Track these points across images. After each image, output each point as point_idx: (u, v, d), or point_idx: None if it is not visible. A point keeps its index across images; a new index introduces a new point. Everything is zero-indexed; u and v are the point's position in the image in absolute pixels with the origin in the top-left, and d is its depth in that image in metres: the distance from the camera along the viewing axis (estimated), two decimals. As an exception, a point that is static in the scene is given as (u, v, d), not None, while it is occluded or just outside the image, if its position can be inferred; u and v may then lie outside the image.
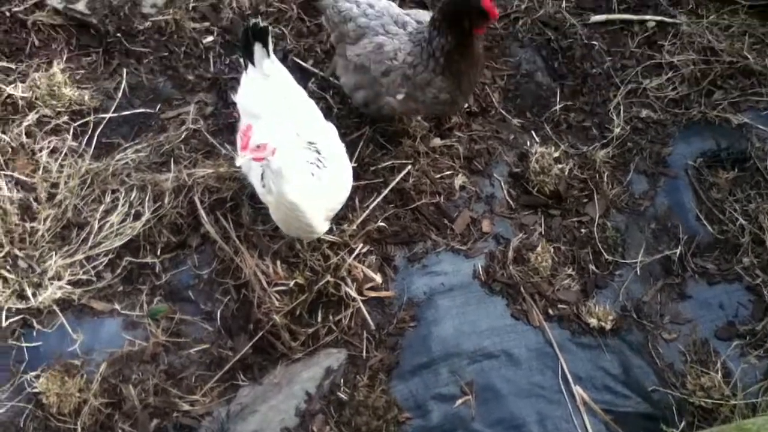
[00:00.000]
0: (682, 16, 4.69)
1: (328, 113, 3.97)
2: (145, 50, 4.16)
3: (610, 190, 3.93)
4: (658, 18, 4.68)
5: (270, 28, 3.18)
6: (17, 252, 3.37)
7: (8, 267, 3.33)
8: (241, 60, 3.31)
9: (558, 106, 4.25)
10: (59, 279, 3.34)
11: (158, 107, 3.99)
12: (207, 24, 4.30)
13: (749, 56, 4.45)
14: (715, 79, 4.39)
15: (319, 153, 2.96)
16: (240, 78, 3.36)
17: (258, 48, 3.16)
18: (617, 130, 4.15)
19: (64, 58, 4.08)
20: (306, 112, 3.27)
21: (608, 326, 3.47)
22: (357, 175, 3.70)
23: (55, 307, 3.29)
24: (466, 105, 3.98)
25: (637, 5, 4.76)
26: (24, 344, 3.25)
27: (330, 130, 3.30)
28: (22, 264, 3.35)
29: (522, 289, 3.51)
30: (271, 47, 3.19)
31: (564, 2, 4.71)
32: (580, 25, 4.58)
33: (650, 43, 4.60)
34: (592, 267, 3.68)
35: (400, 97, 3.52)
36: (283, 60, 4.18)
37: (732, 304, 3.67)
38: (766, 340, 3.53)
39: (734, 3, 4.80)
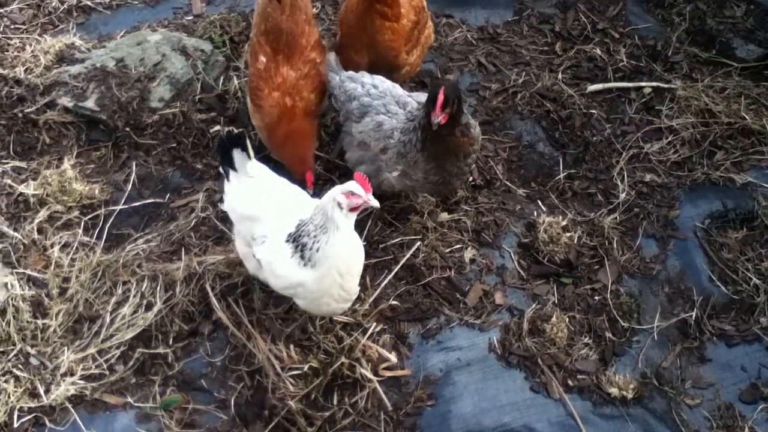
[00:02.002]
0: (677, 80, 4.81)
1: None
2: (153, 142, 4.25)
3: (620, 256, 3.92)
4: (654, 84, 4.79)
5: (244, 132, 3.17)
6: (29, 349, 3.36)
7: (20, 365, 3.31)
8: (221, 170, 3.31)
9: (562, 175, 4.29)
10: (72, 375, 3.31)
11: (167, 197, 4.05)
12: (213, 114, 4.40)
13: (747, 116, 4.53)
14: (715, 141, 4.46)
15: None
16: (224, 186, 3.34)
17: (237, 153, 3.18)
18: (623, 196, 4.17)
19: (74, 154, 4.18)
20: (299, 195, 3.31)
21: (630, 395, 3.39)
22: (367, 254, 3.67)
23: (67, 404, 3.25)
24: (464, 184, 4.02)
25: (632, 72, 4.89)
26: (36, 443, 3.20)
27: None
28: (33, 361, 3.33)
29: (539, 360, 3.46)
30: (250, 150, 3.19)
31: (560, 74, 4.83)
32: (578, 96, 4.69)
33: (648, 108, 4.69)
34: (608, 334, 3.63)
35: (395, 174, 3.58)
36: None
37: (754, 365, 3.61)
38: (792, 402, 3.45)
39: (727, 66, 4.92)
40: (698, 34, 5.15)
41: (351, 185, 2.91)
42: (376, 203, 2.95)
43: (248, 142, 3.18)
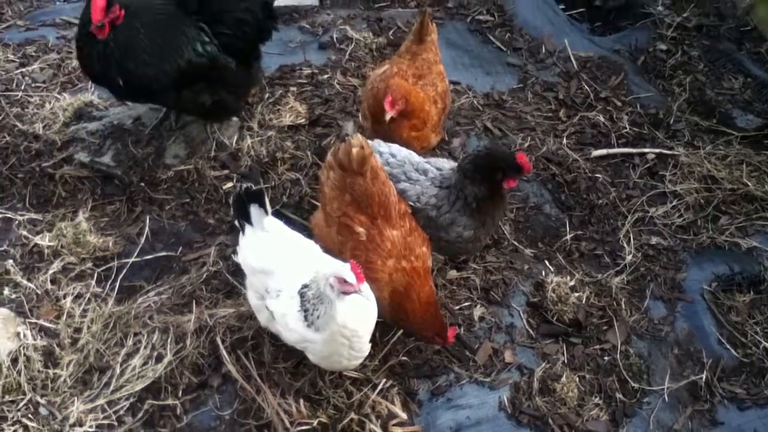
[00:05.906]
0: (680, 147, 4.93)
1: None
2: (167, 197, 4.32)
3: (629, 317, 3.94)
4: (657, 150, 4.91)
5: (263, 188, 3.27)
6: (39, 399, 3.33)
7: (30, 415, 3.27)
8: (237, 223, 3.37)
9: (569, 236, 4.35)
10: (80, 425, 3.27)
11: (180, 250, 4.09)
12: (226, 171, 4.49)
13: (749, 183, 4.64)
14: (719, 206, 4.56)
15: None
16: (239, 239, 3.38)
17: (255, 209, 3.24)
18: (629, 258, 4.23)
19: (89, 207, 4.24)
20: (313, 250, 3.35)
21: (642, 457, 3.37)
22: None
23: (76, 454, 3.22)
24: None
25: (635, 139, 5.02)
26: (42, 496, 3.15)
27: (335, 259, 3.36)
28: (43, 411, 3.29)
29: (550, 420, 3.43)
30: (268, 206, 3.25)
31: (565, 139, 4.95)
32: (582, 160, 4.79)
33: (652, 173, 4.80)
34: (618, 395, 3.62)
35: None
36: (299, 203, 4.35)
37: (766, 429, 3.58)
38: (806, 466, 3.42)
39: (728, 134, 5.06)
40: (698, 104, 5.33)
41: (344, 272, 2.84)
42: (365, 293, 2.92)
43: (266, 198, 3.25)
